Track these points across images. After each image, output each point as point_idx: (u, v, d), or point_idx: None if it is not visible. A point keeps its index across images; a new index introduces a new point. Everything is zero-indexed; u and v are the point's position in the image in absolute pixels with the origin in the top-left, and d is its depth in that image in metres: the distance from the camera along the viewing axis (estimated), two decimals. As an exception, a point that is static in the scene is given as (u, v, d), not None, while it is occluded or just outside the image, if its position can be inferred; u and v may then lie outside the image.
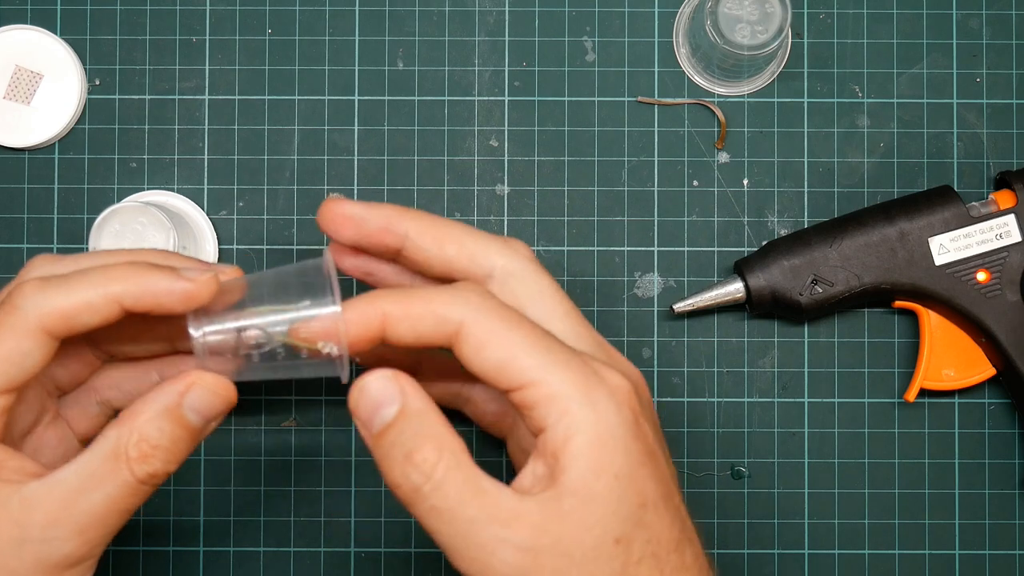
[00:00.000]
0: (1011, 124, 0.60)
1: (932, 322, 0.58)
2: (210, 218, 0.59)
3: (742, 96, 0.60)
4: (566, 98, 0.60)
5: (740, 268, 0.58)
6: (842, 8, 0.60)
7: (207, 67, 0.60)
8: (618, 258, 0.60)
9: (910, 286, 0.57)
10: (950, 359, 0.58)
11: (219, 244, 0.59)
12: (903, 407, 0.60)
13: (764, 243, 0.59)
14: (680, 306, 0.58)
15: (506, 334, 0.43)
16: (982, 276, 0.57)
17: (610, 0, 0.60)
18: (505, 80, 0.60)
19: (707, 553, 0.46)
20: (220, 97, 0.60)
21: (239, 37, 0.60)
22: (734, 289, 0.58)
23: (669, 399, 0.59)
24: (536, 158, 0.60)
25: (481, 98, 0.60)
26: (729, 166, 0.60)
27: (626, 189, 0.60)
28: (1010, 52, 0.60)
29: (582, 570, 0.41)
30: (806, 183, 0.60)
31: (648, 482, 0.43)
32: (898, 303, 0.58)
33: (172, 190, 0.60)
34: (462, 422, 0.55)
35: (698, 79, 0.60)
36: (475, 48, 0.60)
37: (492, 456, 0.59)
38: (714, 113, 0.60)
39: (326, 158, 0.60)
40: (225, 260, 0.59)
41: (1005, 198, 0.57)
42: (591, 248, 0.60)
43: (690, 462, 0.59)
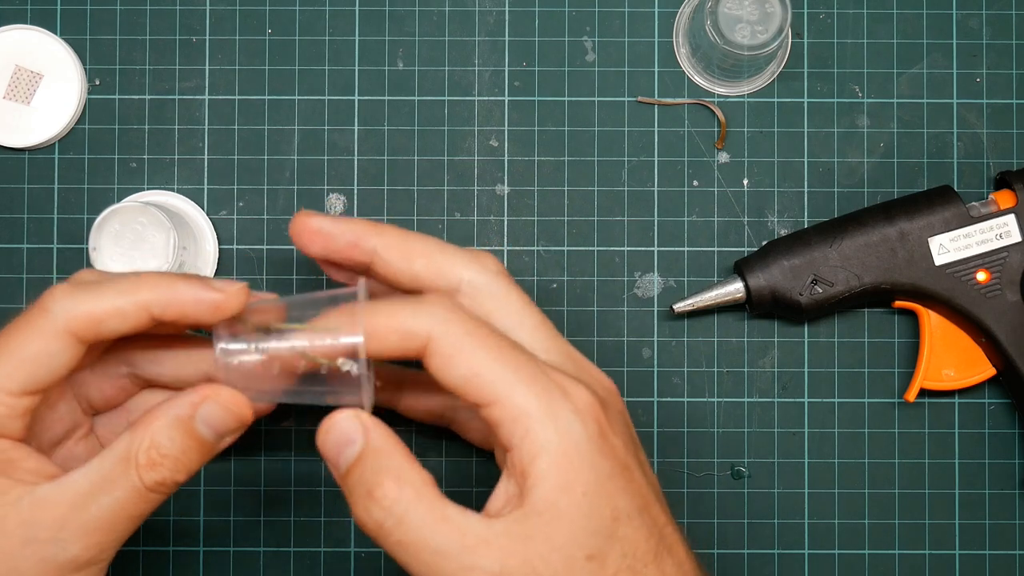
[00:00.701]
0: (1011, 124, 0.60)
1: (932, 322, 0.58)
2: (210, 218, 0.59)
3: (742, 96, 0.60)
4: (566, 98, 0.60)
5: (740, 268, 0.58)
6: (842, 8, 0.60)
7: (207, 67, 0.60)
8: (618, 258, 0.60)
9: (910, 286, 0.57)
10: (950, 359, 0.58)
11: (219, 244, 0.59)
12: (903, 407, 0.60)
13: (764, 243, 0.59)
14: (680, 306, 0.58)
15: (471, 348, 0.43)
16: (982, 276, 0.57)
17: (610, 0, 0.60)
18: (505, 80, 0.60)
19: (698, 556, 0.46)
20: (220, 97, 0.60)
21: (239, 37, 0.60)
22: (734, 289, 0.58)
23: (669, 399, 0.59)
24: (536, 158, 0.60)
25: (481, 98, 0.60)
26: (729, 166, 0.60)
27: (626, 189, 0.60)
28: (1010, 52, 0.60)
29: None
30: (806, 183, 0.60)
31: (620, 496, 0.43)
32: (898, 303, 0.58)
33: (172, 190, 0.60)
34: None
35: (698, 79, 0.60)
36: (475, 48, 0.60)
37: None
38: (714, 113, 0.60)
39: (326, 158, 0.60)
40: (225, 260, 0.59)
41: (1005, 198, 0.57)
42: (591, 248, 0.60)
43: (690, 462, 0.59)
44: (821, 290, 0.57)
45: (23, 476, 0.44)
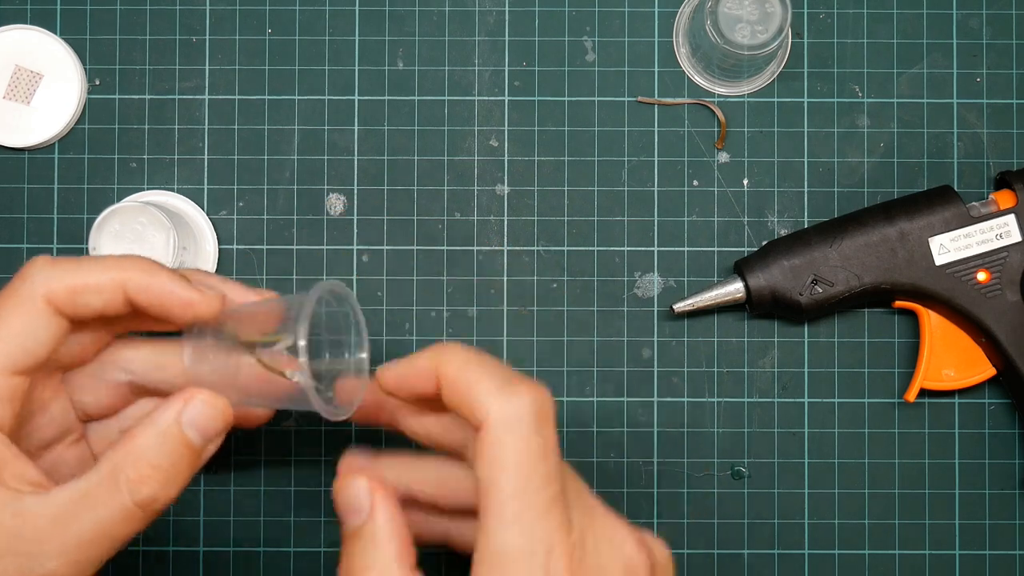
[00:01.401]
0: (1011, 124, 0.60)
1: (932, 322, 0.58)
2: (210, 218, 0.59)
3: (742, 96, 0.60)
4: (566, 98, 0.60)
5: (740, 268, 0.58)
6: (842, 8, 0.60)
7: (207, 67, 0.60)
8: (618, 258, 0.60)
9: (910, 286, 0.57)
10: (950, 359, 0.58)
11: (219, 244, 0.59)
12: (903, 407, 0.60)
13: (764, 243, 0.59)
14: (680, 306, 0.58)
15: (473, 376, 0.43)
16: (982, 276, 0.57)
17: (610, 0, 0.60)
18: (505, 80, 0.60)
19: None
20: (220, 97, 0.60)
21: (239, 37, 0.60)
22: (734, 289, 0.58)
23: (669, 399, 0.59)
24: (536, 158, 0.60)
25: (481, 98, 0.60)
26: (729, 166, 0.60)
27: (626, 189, 0.60)
28: (1010, 52, 0.60)
29: None
30: (806, 183, 0.60)
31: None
32: (898, 303, 0.58)
33: (172, 190, 0.60)
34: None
35: (698, 79, 0.60)
36: (475, 48, 0.60)
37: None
38: (714, 113, 0.60)
39: (326, 158, 0.60)
40: (225, 260, 0.59)
41: (1005, 198, 0.57)
42: (591, 248, 0.60)
43: (690, 462, 0.59)
44: (821, 290, 0.57)
45: (8, 481, 0.43)
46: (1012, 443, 0.60)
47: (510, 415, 0.42)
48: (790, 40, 0.60)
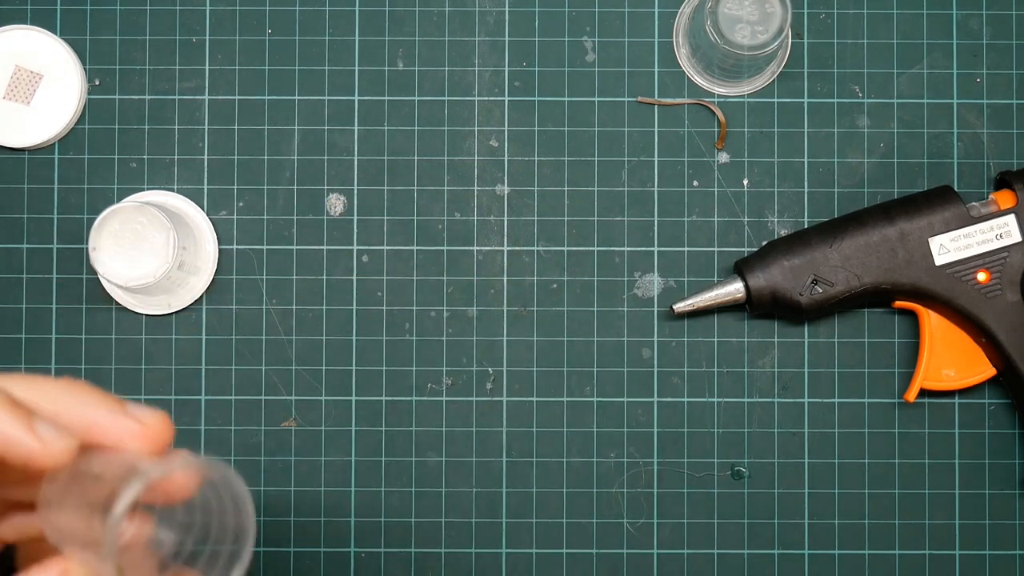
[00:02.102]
0: (1011, 124, 0.60)
1: (932, 322, 0.58)
2: (210, 218, 0.59)
3: (742, 96, 0.60)
4: (566, 98, 0.60)
5: (740, 268, 0.58)
6: (842, 8, 0.60)
7: (207, 67, 0.60)
8: (618, 258, 0.60)
9: (910, 286, 0.57)
10: (950, 359, 0.58)
11: (220, 244, 0.59)
12: (903, 407, 0.60)
13: (764, 243, 0.59)
14: (680, 306, 0.58)
15: None
16: (982, 276, 0.57)
17: (610, 0, 0.60)
18: (505, 80, 0.60)
19: None
20: (220, 97, 0.60)
21: (239, 37, 0.60)
22: (734, 289, 0.58)
23: (669, 399, 0.59)
24: (536, 158, 0.60)
25: (481, 98, 0.60)
26: (729, 166, 0.60)
27: (626, 189, 0.60)
28: (1010, 52, 0.60)
29: None
30: (806, 183, 0.60)
31: None
32: (898, 303, 0.58)
33: (172, 190, 0.60)
34: None
35: (698, 79, 0.60)
36: (475, 48, 0.60)
37: (492, 456, 0.59)
38: (714, 113, 0.60)
39: (326, 158, 0.60)
40: (225, 260, 0.59)
41: (1005, 198, 0.57)
42: (591, 248, 0.60)
43: (690, 462, 0.59)
44: (821, 290, 0.57)
45: None
46: (1012, 443, 0.60)
47: None
48: (790, 40, 0.60)
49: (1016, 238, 0.57)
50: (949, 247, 0.57)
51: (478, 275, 0.60)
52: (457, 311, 0.59)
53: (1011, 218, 0.57)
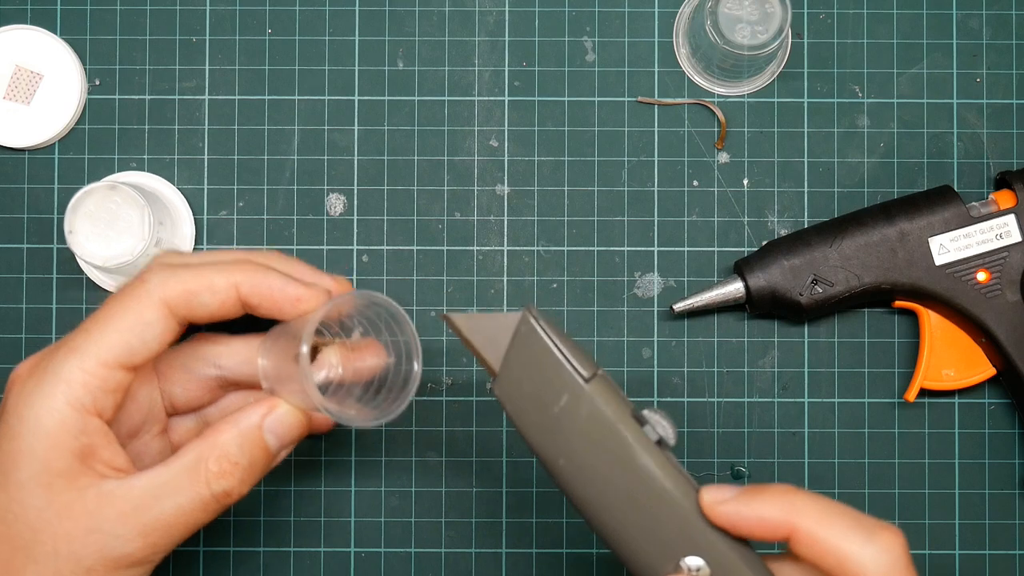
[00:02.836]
0: (1011, 124, 0.60)
1: (932, 322, 0.58)
2: (209, 217, 0.59)
3: (742, 96, 0.60)
4: (566, 98, 0.60)
5: (740, 268, 0.58)
6: (842, 8, 0.60)
7: (207, 67, 0.60)
8: (618, 258, 0.60)
9: (910, 286, 0.57)
10: (950, 359, 0.58)
11: (218, 243, 0.59)
12: (903, 407, 0.60)
13: (764, 243, 0.59)
14: (680, 306, 0.58)
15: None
16: (982, 276, 0.57)
17: (610, 0, 0.60)
18: (505, 80, 0.60)
19: None
20: (220, 97, 0.60)
21: (239, 37, 0.60)
22: (734, 289, 0.58)
23: (669, 399, 0.59)
24: (536, 158, 0.60)
25: (481, 98, 0.60)
26: (729, 166, 0.60)
27: (626, 189, 0.60)
28: (1010, 52, 0.60)
29: None
30: (806, 183, 0.60)
31: None
32: (898, 303, 0.58)
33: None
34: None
35: (698, 79, 0.60)
36: (475, 48, 0.60)
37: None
38: (714, 113, 0.60)
39: (326, 158, 0.60)
40: (225, 260, 0.59)
41: (1005, 198, 0.57)
42: (591, 248, 0.60)
43: (690, 462, 0.59)
44: (821, 290, 0.57)
45: (96, 466, 0.46)
46: (1012, 443, 0.60)
47: (884, 565, 0.43)
48: (790, 40, 0.60)
49: (1016, 238, 0.57)
50: (949, 247, 0.57)
51: (478, 275, 0.60)
52: (457, 311, 0.59)
53: (1011, 218, 0.57)
